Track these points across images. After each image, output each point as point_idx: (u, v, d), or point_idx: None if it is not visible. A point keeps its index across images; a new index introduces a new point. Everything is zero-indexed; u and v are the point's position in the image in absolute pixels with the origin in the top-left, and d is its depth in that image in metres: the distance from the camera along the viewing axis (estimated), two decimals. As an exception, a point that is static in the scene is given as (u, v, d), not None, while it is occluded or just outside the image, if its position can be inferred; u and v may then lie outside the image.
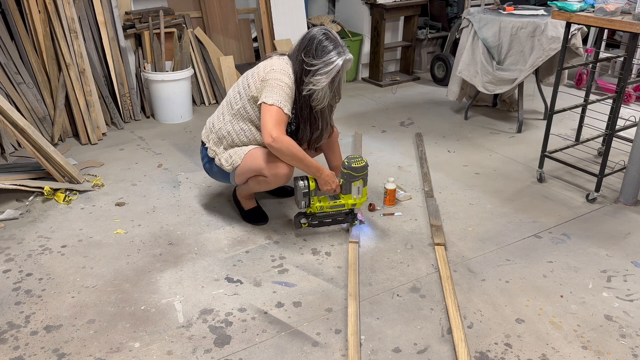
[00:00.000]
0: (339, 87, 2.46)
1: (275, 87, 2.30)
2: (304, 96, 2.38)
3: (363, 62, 5.23)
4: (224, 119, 2.52)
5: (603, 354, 1.91)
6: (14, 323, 2.04)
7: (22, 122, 2.84)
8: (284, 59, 2.42)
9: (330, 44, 2.32)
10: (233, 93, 2.51)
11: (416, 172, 3.31)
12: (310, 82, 2.33)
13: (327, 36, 2.34)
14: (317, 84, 2.32)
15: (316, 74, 2.31)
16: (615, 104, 2.89)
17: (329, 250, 2.51)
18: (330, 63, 2.31)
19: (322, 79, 2.32)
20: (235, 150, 2.49)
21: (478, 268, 2.38)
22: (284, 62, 2.40)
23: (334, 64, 2.31)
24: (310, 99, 2.38)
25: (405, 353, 1.91)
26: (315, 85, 2.33)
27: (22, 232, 2.65)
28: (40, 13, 3.57)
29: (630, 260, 2.44)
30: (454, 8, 5.24)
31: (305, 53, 2.33)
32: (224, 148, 2.53)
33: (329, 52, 2.31)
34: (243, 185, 2.64)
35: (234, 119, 2.48)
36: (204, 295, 2.21)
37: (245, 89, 2.44)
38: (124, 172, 3.31)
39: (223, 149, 2.53)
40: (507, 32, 3.67)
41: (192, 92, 4.31)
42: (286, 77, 2.34)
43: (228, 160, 2.49)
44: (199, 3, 4.57)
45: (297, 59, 2.36)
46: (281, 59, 2.41)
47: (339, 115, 4.29)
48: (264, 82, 2.35)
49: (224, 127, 2.51)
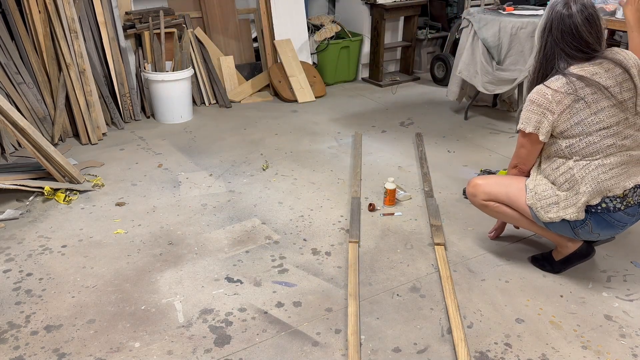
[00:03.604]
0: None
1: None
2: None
3: (363, 62, 5.23)
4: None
5: (603, 354, 1.91)
6: (14, 323, 2.04)
7: (23, 122, 2.84)
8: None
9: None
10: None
11: (416, 172, 3.32)
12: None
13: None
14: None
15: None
16: (615, 104, 2.89)
17: (329, 250, 2.51)
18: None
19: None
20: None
21: (478, 268, 2.38)
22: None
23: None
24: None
25: (405, 353, 1.91)
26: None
27: (22, 232, 2.66)
28: (40, 13, 3.57)
29: (630, 260, 2.44)
30: (453, 8, 5.24)
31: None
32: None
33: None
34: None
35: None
36: (204, 295, 2.21)
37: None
38: (124, 172, 3.31)
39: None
40: (507, 32, 3.67)
41: (192, 92, 4.31)
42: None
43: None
44: (199, 3, 4.58)
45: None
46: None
47: (338, 115, 4.30)
48: None
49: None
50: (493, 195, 2.29)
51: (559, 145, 2.09)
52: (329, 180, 3.21)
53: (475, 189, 2.34)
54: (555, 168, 2.12)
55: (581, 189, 2.04)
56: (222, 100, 4.48)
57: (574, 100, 2.00)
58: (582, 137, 2.03)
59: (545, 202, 2.12)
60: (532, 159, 2.20)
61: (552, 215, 2.11)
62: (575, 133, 2.03)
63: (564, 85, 2.02)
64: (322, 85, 4.82)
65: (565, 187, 2.09)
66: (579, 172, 2.05)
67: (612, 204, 2.07)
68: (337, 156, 3.54)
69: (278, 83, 4.65)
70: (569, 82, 2.02)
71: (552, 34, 2.06)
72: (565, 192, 2.09)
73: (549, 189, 2.13)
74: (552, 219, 2.11)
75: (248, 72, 4.84)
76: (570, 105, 2.01)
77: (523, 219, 2.28)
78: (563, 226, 2.15)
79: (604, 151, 2.03)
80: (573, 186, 2.07)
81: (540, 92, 2.05)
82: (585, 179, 2.04)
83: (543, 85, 2.06)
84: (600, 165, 2.04)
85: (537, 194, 2.15)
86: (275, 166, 3.39)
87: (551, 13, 2.07)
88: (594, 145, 2.03)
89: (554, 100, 2.01)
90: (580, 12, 2.01)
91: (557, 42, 2.06)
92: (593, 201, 2.05)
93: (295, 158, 3.51)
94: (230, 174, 3.28)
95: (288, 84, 4.66)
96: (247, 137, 3.87)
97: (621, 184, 2.05)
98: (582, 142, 2.04)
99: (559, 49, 2.06)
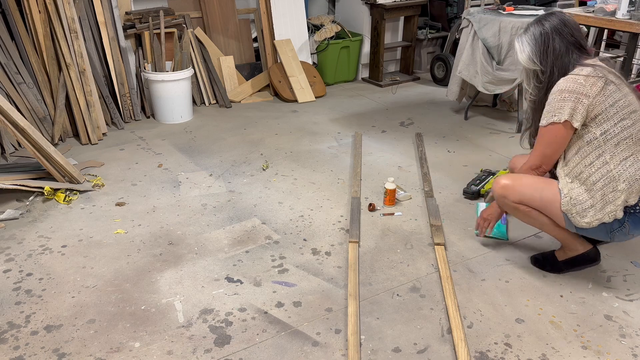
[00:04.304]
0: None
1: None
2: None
3: (363, 62, 5.23)
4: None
5: (603, 354, 1.91)
6: (14, 323, 2.04)
7: (23, 122, 2.84)
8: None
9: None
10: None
11: (416, 172, 3.32)
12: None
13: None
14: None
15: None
16: (615, 104, 2.89)
17: (329, 250, 2.51)
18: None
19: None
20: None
21: (478, 268, 2.38)
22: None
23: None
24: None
25: (405, 353, 1.91)
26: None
27: (22, 232, 2.66)
28: (40, 13, 3.57)
29: (630, 260, 2.44)
30: (453, 8, 5.24)
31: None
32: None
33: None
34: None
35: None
36: (204, 295, 2.21)
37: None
38: (124, 172, 3.31)
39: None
40: (507, 32, 3.67)
41: (192, 92, 4.31)
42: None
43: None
44: (199, 3, 4.58)
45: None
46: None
47: (338, 116, 4.30)
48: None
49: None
50: (526, 199, 2.19)
51: (592, 134, 2.05)
52: (329, 180, 3.21)
53: (505, 190, 2.23)
54: (589, 164, 2.07)
55: (619, 186, 2.02)
56: (222, 100, 4.48)
57: (605, 82, 2.02)
58: (616, 121, 2.02)
59: (580, 207, 2.08)
60: (559, 155, 2.14)
61: (589, 220, 2.07)
62: (610, 116, 2.02)
63: (593, 71, 2.04)
64: (322, 85, 4.82)
65: (600, 185, 2.05)
66: (616, 167, 2.03)
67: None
68: (337, 156, 3.54)
69: (278, 83, 4.65)
70: (595, 68, 2.04)
71: (554, 42, 2.10)
72: (601, 190, 2.05)
73: (584, 192, 2.08)
74: (589, 223, 2.07)
75: (248, 72, 4.84)
76: (604, 88, 2.02)
77: (551, 224, 2.23)
78: (598, 229, 2.11)
79: (633, 139, 2.03)
80: (610, 182, 2.04)
81: (571, 80, 2.04)
82: (623, 175, 2.02)
83: (572, 74, 2.06)
84: (637, 160, 2.04)
85: (572, 199, 2.09)
86: (275, 166, 3.39)
87: (541, 32, 2.12)
88: (629, 129, 2.03)
89: (587, 84, 2.01)
90: (557, 19, 2.14)
91: (563, 43, 2.10)
92: (631, 200, 2.04)
93: (295, 158, 3.51)
94: (230, 174, 3.28)
95: (288, 84, 4.66)
96: (247, 137, 3.87)
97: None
98: (617, 127, 2.02)
99: (569, 44, 2.10)
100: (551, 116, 2.06)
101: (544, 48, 2.11)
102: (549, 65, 2.12)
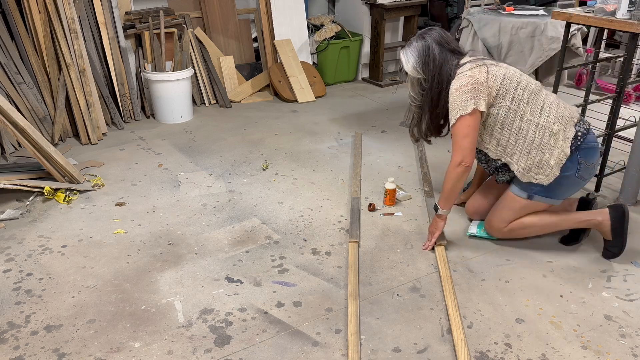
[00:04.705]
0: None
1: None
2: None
3: (363, 62, 5.23)
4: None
5: (603, 354, 1.91)
6: (14, 323, 2.04)
7: (23, 122, 2.84)
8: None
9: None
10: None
11: (416, 172, 3.32)
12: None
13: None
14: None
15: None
16: (615, 104, 2.90)
17: (329, 250, 2.51)
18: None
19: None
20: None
21: (478, 268, 2.38)
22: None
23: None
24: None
25: (405, 353, 1.91)
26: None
27: (22, 232, 2.66)
28: (40, 13, 3.57)
29: (630, 260, 2.44)
30: (454, 8, 5.24)
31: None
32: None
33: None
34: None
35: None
36: (204, 295, 2.21)
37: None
38: (124, 172, 3.31)
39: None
40: (507, 32, 3.67)
41: (192, 92, 4.31)
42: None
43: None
44: (199, 3, 4.58)
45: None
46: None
47: (338, 116, 4.30)
48: None
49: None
50: (505, 218, 2.45)
51: (505, 107, 2.29)
52: (329, 180, 3.21)
53: (492, 227, 2.50)
54: (517, 129, 2.30)
55: (553, 129, 2.27)
56: (222, 100, 4.48)
57: (487, 66, 2.28)
58: (515, 87, 2.28)
59: (536, 168, 2.30)
60: (474, 144, 2.30)
61: (549, 171, 2.28)
62: (507, 86, 2.27)
63: (472, 63, 2.29)
64: (322, 85, 4.83)
65: (538, 139, 2.28)
66: (539, 118, 2.28)
67: (582, 128, 2.31)
68: (337, 156, 3.54)
69: (278, 83, 4.65)
70: (472, 61, 2.31)
71: (434, 52, 2.32)
72: (541, 142, 2.28)
73: (527, 155, 2.31)
74: (550, 174, 2.28)
75: (248, 72, 4.84)
76: (488, 70, 2.27)
77: (547, 219, 2.42)
78: (567, 182, 2.32)
79: (537, 92, 2.31)
80: (544, 132, 2.28)
81: (461, 77, 2.27)
82: (549, 120, 2.28)
83: (458, 74, 2.28)
84: (550, 104, 2.30)
85: (524, 168, 2.32)
86: (275, 166, 3.39)
87: (423, 45, 2.34)
88: (528, 87, 2.29)
89: (474, 74, 2.25)
90: (435, 33, 2.37)
91: (442, 51, 2.32)
92: (569, 133, 2.27)
93: (295, 158, 3.51)
94: (230, 174, 3.28)
95: (288, 84, 4.66)
96: (247, 137, 3.87)
97: (570, 108, 2.35)
98: (518, 90, 2.28)
99: (447, 52, 2.33)
100: (457, 111, 2.25)
101: (425, 58, 2.33)
102: (430, 73, 2.33)
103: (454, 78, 2.30)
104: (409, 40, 2.42)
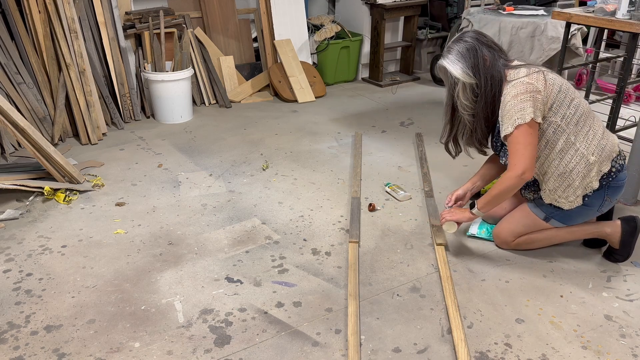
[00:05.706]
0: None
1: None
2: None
3: (363, 62, 5.23)
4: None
5: (603, 354, 1.91)
6: (14, 323, 2.04)
7: (23, 122, 2.84)
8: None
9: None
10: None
11: (416, 172, 3.32)
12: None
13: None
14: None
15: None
16: (615, 104, 2.90)
17: (329, 250, 2.51)
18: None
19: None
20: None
21: (478, 268, 2.38)
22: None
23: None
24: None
25: (405, 353, 1.91)
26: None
27: (22, 232, 2.66)
28: (40, 13, 3.57)
29: (630, 260, 2.44)
30: (454, 8, 5.24)
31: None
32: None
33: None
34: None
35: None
36: (204, 295, 2.21)
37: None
38: (124, 172, 3.31)
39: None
40: (507, 32, 3.67)
41: (192, 92, 4.31)
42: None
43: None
44: (199, 3, 4.58)
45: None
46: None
47: (338, 116, 4.30)
48: None
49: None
50: (517, 232, 2.42)
51: (555, 123, 2.17)
52: (329, 180, 3.21)
53: (500, 238, 2.48)
54: (559, 150, 2.20)
55: (590, 159, 2.19)
56: (222, 100, 4.48)
57: (545, 74, 2.15)
58: (568, 103, 2.17)
59: (562, 190, 2.24)
60: (536, 154, 2.19)
61: (573, 198, 2.23)
62: (562, 100, 2.16)
63: (528, 69, 2.15)
64: (322, 85, 4.82)
65: (573, 165, 2.20)
66: (582, 144, 2.18)
67: (618, 164, 2.24)
68: (337, 156, 3.54)
69: (278, 83, 4.65)
70: (528, 67, 2.17)
71: (482, 52, 2.18)
72: (575, 169, 2.20)
73: (558, 178, 2.24)
74: (573, 202, 2.23)
75: (248, 72, 4.84)
76: (546, 79, 2.14)
77: (555, 233, 2.40)
78: (586, 213, 2.29)
79: (586, 115, 2.20)
80: (581, 159, 2.19)
81: (518, 84, 2.13)
82: (590, 149, 2.19)
83: (514, 80, 2.15)
84: (596, 132, 2.21)
85: (551, 191, 2.26)
86: (275, 166, 3.39)
87: (467, 47, 2.19)
88: (580, 107, 2.18)
89: (532, 81, 2.11)
90: (473, 33, 2.25)
91: (489, 50, 2.19)
92: (604, 168, 2.20)
93: (295, 158, 3.51)
94: (230, 174, 3.28)
95: (288, 84, 4.66)
96: (247, 137, 3.87)
97: (613, 140, 2.26)
98: (571, 108, 2.17)
99: (494, 51, 2.21)
100: (515, 120, 2.11)
101: (475, 61, 2.17)
102: (482, 75, 2.17)
103: (507, 82, 2.17)
104: (444, 49, 2.26)
